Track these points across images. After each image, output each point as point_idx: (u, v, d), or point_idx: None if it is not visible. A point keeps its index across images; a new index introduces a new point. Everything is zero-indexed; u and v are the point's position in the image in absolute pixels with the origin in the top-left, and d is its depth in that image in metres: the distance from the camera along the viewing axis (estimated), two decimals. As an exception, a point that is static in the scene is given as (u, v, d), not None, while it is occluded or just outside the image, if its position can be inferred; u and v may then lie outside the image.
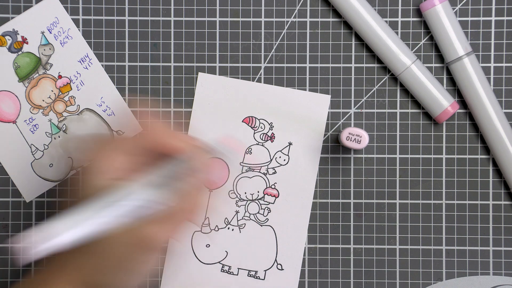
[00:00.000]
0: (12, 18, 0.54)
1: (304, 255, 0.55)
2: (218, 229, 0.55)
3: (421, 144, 0.55)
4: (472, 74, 0.53)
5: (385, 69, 0.55)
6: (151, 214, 0.42)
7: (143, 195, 0.42)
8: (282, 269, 0.55)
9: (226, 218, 0.55)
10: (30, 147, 0.55)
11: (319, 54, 0.55)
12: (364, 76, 0.55)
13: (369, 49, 0.55)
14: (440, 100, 0.53)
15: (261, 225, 0.55)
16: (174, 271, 0.55)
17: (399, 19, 0.55)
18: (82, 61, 0.55)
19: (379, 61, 0.55)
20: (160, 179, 0.43)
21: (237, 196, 0.55)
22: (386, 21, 0.54)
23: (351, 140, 0.50)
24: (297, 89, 0.55)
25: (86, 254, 0.43)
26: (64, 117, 0.55)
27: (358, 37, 0.55)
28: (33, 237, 0.36)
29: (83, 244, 0.42)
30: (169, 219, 0.43)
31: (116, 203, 0.41)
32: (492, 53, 0.55)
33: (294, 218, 0.55)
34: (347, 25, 0.55)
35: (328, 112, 0.55)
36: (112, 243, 0.42)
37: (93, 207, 0.40)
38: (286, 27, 0.54)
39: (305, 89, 0.55)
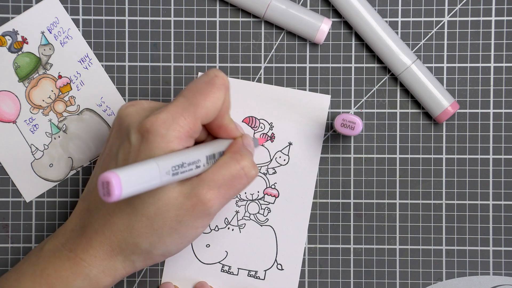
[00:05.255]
0: (12, 18, 0.54)
1: (304, 255, 0.55)
2: (218, 229, 0.55)
3: (421, 144, 0.55)
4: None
5: (385, 69, 0.55)
6: (209, 180, 0.43)
7: (203, 163, 0.43)
8: (282, 269, 0.55)
9: (226, 218, 0.55)
10: (30, 147, 0.55)
11: (319, 54, 0.55)
12: (364, 76, 0.55)
13: (369, 49, 0.55)
14: (440, 100, 0.53)
15: (261, 225, 0.55)
16: (174, 271, 0.55)
17: (399, 19, 0.55)
18: (82, 61, 0.55)
19: (379, 61, 0.55)
20: (216, 154, 0.45)
21: (237, 196, 0.55)
22: (386, 21, 0.54)
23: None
24: (297, 89, 0.55)
25: (136, 214, 0.43)
26: (64, 117, 0.55)
27: (358, 37, 0.55)
28: (109, 178, 0.37)
29: (136, 204, 0.43)
30: (226, 186, 0.44)
31: (179, 168, 0.41)
32: (492, 53, 0.55)
33: (294, 218, 0.55)
34: (347, 25, 0.55)
35: (328, 112, 0.55)
36: (166, 204, 0.43)
37: (158, 167, 0.40)
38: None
39: (305, 89, 0.55)
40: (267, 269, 0.55)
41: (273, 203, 0.55)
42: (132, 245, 0.45)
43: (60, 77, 0.55)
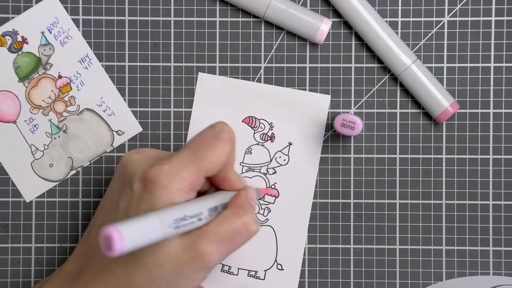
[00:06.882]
0: (12, 18, 0.54)
1: (304, 255, 0.55)
2: (218, 229, 0.55)
3: (421, 144, 0.55)
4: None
5: (385, 69, 0.55)
6: (210, 234, 0.43)
7: (205, 216, 0.43)
8: (282, 269, 0.55)
9: (226, 218, 0.55)
10: (30, 147, 0.55)
11: (319, 54, 0.55)
12: (364, 76, 0.55)
13: (369, 49, 0.55)
14: (440, 100, 0.53)
15: (261, 225, 0.55)
16: (174, 271, 0.55)
17: (399, 19, 0.55)
18: (82, 61, 0.55)
19: (379, 61, 0.55)
20: (219, 206, 0.45)
21: (237, 196, 0.55)
22: (386, 21, 0.54)
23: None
24: (297, 89, 0.55)
25: (135, 264, 0.43)
26: (64, 117, 0.55)
27: (358, 37, 0.55)
28: (111, 232, 0.36)
29: (135, 253, 0.42)
30: (226, 241, 0.44)
31: (180, 221, 0.41)
32: (492, 53, 0.55)
33: (294, 218, 0.55)
34: (347, 25, 0.55)
35: (328, 112, 0.55)
36: (166, 255, 0.42)
37: (161, 221, 0.39)
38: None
39: (305, 89, 0.55)
40: (267, 269, 0.55)
41: (273, 203, 0.55)
42: None
43: (60, 77, 0.55)
